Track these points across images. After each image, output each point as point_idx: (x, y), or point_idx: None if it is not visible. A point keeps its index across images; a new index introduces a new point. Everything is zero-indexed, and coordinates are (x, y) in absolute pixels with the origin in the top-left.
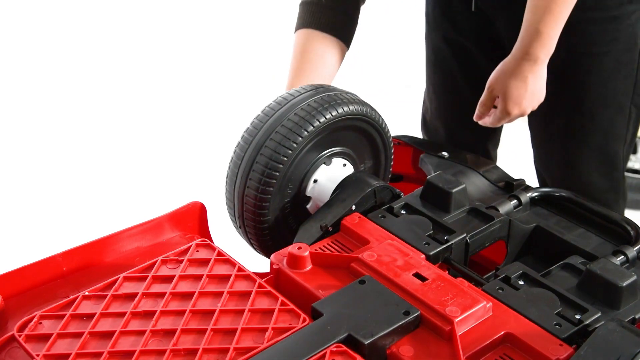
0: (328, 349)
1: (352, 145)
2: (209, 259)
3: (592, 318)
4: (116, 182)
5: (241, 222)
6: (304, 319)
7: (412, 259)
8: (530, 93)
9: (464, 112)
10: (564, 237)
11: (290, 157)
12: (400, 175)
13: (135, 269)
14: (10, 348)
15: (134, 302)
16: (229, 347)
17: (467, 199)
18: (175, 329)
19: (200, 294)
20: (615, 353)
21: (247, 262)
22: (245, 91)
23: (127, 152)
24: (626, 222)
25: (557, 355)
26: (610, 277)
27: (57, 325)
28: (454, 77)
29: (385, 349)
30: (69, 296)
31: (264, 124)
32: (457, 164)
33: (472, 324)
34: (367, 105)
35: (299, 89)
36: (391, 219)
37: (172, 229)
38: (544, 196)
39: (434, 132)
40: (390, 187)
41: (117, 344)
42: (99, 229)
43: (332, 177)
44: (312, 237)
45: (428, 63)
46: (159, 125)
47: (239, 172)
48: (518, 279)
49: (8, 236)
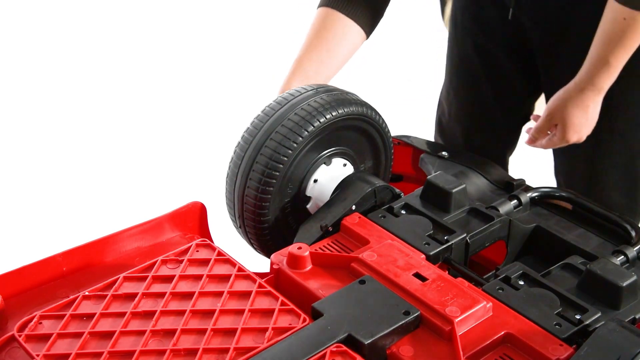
0: (328, 349)
1: (352, 145)
2: (209, 259)
3: (592, 318)
4: (116, 182)
5: (241, 222)
6: (304, 319)
7: (412, 259)
8: (590, 121)
9: (484, 118)
10: (564, 237)
11: (291, 157)
12: (400, 175)
13: (135, 269)
14: (10, 348)
15: (134, 302)
16: (229, 347)
17: (467, 199)
18: (175, 329)
19: (200, 294)
20: (615, 353)
21: (247, 262)
22: (245, 91)
23: (127, 152)
24: (626, 222)
25: (557, 355)
26: (610, 277)
27: (57, 325)
28: (478, 83)
29: (385, 349)
30: (69, 296)
31: (264, 124)
32: (457, 164)
33: (472, 324)
34: (367, 105)
35: (299, 88)
36: (391, 219)
37: (172, 229)
38: (544, 196)
39: (451, 135)
40: (390, 187)
41: (117, 344)
42: (99, 229)
43: (332, 177)
44: (312, 237)
45: (451, 66)
46: (159, 126)
47: (239, 172)
48: (518, 279)
49: (8, 236)
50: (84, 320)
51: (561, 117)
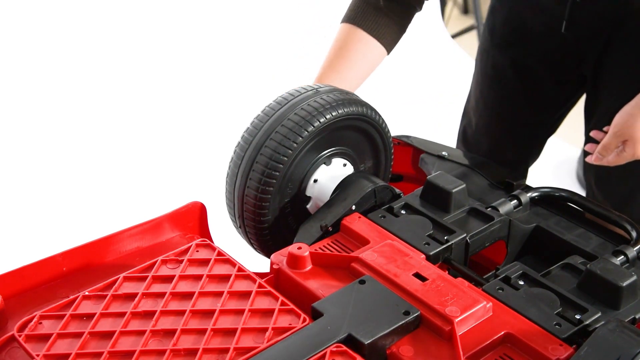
0: (328, 349)
1: (352, 145)
2: (209, 259)
3: (592, 318)
4: (116, 182)
5: (241, 222)
6: (304, 319)
7: (412, 259)
8: None
9: (516, 131)
10: (564, 237)
11: (291, 157)
12: (400, 175)
13: (135, 269)
14: (10, 348)
15: (134, 302)
16: (229, 347)
17: (467, 199)
18: (175, 329)
19: (200, 294)
20: (615, 353)
21: (247, 262)
22: (245, 91)
23: (127, 153)
24: (626, 222)
25: (557, 355)
26: (610, 277)
27: (57, 325)
28: (514, 97)
29: (385, 349)
30: (69, 296)
31: (264, 124)
32: (457, 164)
33: (472, 324)
34: (367, 105)
35: (299, 88)
36: (391, 219)
37: (172, 229)
38: (544, 196)
39: (476, 146)
40: (390, 187)
41: (117, 344)
42: (99, 229)
43: (332, 177)
44: (312, 237)
45: (482, 78)
46: (159, 126)
47: (239, 172)
48: (518, 279)
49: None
50: (84, 320)
51: (630, 133)
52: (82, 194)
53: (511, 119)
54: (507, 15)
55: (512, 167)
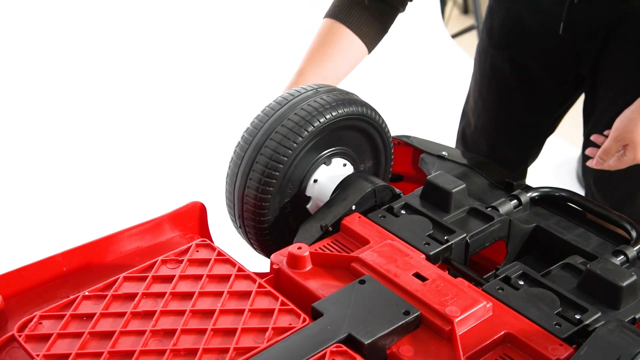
0: (328, 349)
1: (352, 145)
2: (209, 259)
3: (592, 318)
4: (116, 182)
5: (241, 222)
6: (304, 319)
7: (412, 259)
8: None
9: (515, 131)
10: (564, 237)
11: (290, 157)
12: (400, 175)
13: (135, 269)
14: (10, 348)
15: (134, 302)
16: (229, 347)
17: (467, 199)
18: (175, 329)
19: (200, 294)
20: (615, 353)
21: (247, 262)
22: (245, 91)
23: (127, 153)
24: (626, 222)
25: (557, 355)
26: (610, 277)
27: (57, 325)
28: (512, 97)
29: (385, 349)
30: (69, 296)
31: (264, 124)
32: (457, 163)
33: (472, 324)
34: (367, 105)
35: (299, 88)
36: (391, 219)
37: (172, 229)
38: (544, 196)
39: (475, 146)
40: (390, 187)
41: (117, 344)
42: (99, 229)
43: (332, 177)
44: (312, 237)
45: (481, 78)
46: (159, 126)
47: (239, 172)
48: (518, 279)
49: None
50: (84, 320)
51: (631, 137)
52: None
53: (510, 119)
54: (505, 16)
55: (512, 167)
